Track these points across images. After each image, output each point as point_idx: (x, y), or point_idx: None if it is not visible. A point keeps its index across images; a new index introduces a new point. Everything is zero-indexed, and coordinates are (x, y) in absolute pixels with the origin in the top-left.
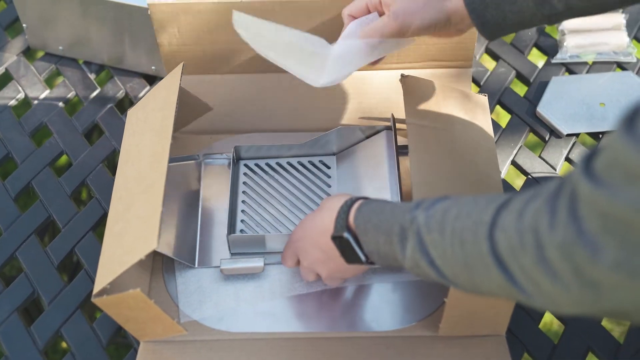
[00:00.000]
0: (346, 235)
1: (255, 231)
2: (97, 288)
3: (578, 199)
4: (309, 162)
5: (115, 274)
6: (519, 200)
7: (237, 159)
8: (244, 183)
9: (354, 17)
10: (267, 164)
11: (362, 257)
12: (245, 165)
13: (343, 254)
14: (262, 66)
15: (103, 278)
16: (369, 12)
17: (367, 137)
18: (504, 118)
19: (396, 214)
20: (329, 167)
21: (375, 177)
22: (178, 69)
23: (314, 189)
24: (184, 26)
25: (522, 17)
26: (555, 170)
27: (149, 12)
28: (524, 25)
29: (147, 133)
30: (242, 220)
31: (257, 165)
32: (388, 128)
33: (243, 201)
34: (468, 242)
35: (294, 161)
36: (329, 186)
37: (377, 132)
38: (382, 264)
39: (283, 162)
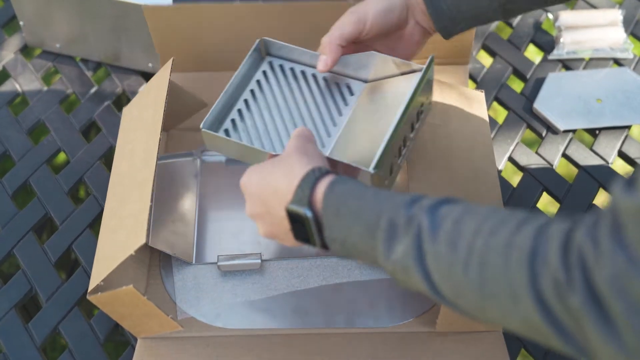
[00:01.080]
0: (306, 212)
1: (239, 137)
2: (91, 285)
3: (622, 225)
4: (335, 82)
5: (107, 271)
6: (558, 228)
7: (264, 54)
8: (257, 81)
9: (342, 47)
10: (292, 69)
11: (317, 242)
12: (269, 63)
13: (293, 229)
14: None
15: (97, 275)
16: (360, 37)
17: (402, 74)
18: (501, 114)
19: (383, 204)
20: (352, 94)
21: (391, 122)
22: (167, 65)
23: (324, 114)
24: (178, 25)
25: (477, 8)
26: (552, 166)
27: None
28: (479, 19)
29: (139, 130)
30: (232, 120)
31: (280, 67)
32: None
33: (245, 100)
34: (493, 266)
35: (320, 75)
36: (340, 115)
37: (413, 71)
38: (343, 255)
39: (309, 72)
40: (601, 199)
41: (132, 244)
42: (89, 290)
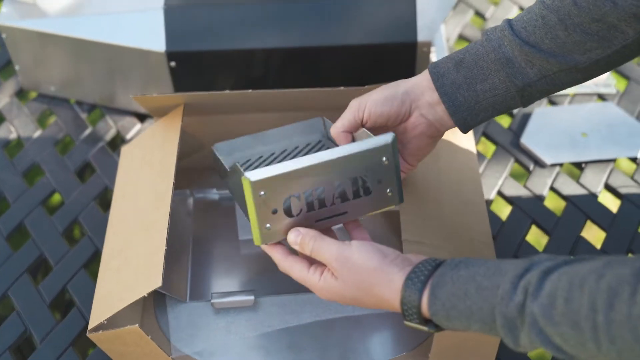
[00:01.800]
0: (429, 329)
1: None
2: (92, 323)
3: None
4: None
5: (114, 310)
6: None
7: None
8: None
9: (350, 133)
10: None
11: (435, 331)
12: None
13: (406, 322)
14: (261, 106)
15: (100, 314)
16: (361, 125)
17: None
18: (490, 149)
19: (488, 299)
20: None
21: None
22: (179, 109)
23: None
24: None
25: (495, 96)
26: (541, 199)
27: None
28: (497, 107)
29: (145, 170)
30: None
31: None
32: None
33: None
34: (624, 339)
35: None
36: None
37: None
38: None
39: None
40: (589, 231)
41: (145, 285)
42: (90, 327)
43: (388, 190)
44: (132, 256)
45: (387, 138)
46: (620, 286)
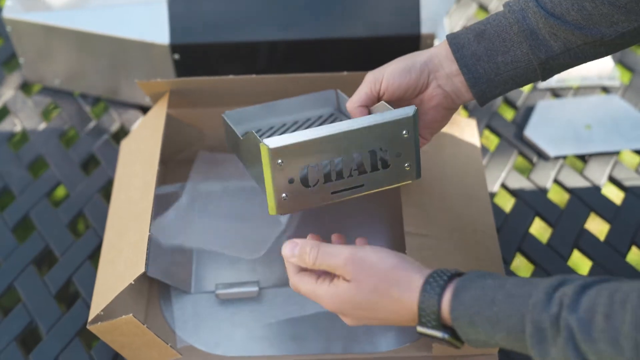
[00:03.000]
0: (443, 335)
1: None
2: (91, 315)
3: None
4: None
5: (107, 301)
6: None
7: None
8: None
9: (366, 107)
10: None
11: (457, 346)
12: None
13: (420, 328)
14: (264, 92)
15: (97, 305)
16: (377, 99)
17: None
18: (493, 142)
19: (519, 306)
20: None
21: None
22: (164, 99)
23: None
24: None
25: (516, 68)
26: (544, 191)
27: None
28: (517, 81)
29: (136, 163)
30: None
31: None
32: None
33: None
34: None
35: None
36: None
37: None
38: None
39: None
40: (593, 223)
41: (132, 273)
42: (89, 320)
43: (406, 165)
44: (123, 247)
45: (408, 111)
46: None
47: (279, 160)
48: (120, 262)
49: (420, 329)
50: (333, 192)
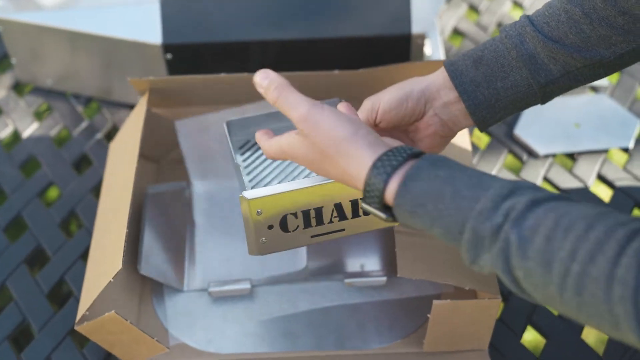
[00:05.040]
0: (383, 215)
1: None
2: (78, 316)
3: None
4: None
5: (90, 300)
6: None
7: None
8: None
9: None
10: None
11: (394, 222)
12: None
13: (363, 204)
14: (252, 97)
15: (83, 306)
16: (374, 126)
17: None
18: (483, 140)
19: (463, 210)
20: None
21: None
22: (144, 98)
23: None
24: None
25: (516, 93)
26: None
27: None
28: (517, 105)
29: (120, 163)
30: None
31: None
32: None
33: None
34: (593, 295)
35: None
36: None
37: None
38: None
39: None
40: None
41: (110, 271)
42: (77, 320)
43: None
44: (105, 245)
45: None
46: (608, 243)
47: (258, 210)
48: (103, 261)
49: (363, 204)
50: (313, 236)
